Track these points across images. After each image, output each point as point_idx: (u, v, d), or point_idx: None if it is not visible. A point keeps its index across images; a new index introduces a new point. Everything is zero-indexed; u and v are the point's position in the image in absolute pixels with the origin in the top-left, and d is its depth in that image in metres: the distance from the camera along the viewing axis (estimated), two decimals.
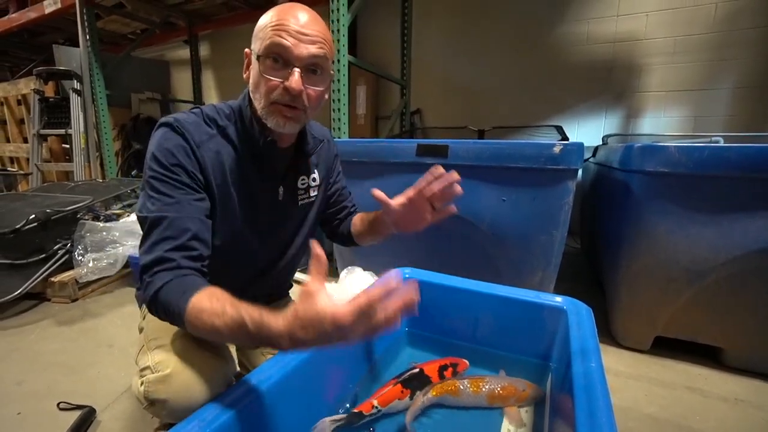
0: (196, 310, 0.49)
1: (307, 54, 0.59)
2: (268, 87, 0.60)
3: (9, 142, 3.52)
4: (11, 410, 0.96)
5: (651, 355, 1.22)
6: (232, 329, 0.46)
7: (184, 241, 0.57)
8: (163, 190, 0.59)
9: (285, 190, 0.74)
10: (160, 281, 0.53)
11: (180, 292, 0.52)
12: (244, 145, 0.68)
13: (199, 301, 0.50)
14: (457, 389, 0.77)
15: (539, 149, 1.13)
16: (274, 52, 0.59)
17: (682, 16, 2.21)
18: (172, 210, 0.58)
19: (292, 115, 0.62)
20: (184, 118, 0.63)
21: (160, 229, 0.57)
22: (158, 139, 0.61)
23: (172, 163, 0.59)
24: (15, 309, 1.54)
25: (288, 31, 0.58)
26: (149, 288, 0.54)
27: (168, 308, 0.52)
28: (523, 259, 1.24)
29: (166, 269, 0.55)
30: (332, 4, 1.71)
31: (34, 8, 3.14)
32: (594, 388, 0.58)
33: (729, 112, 2.19)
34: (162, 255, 0.55)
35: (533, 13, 2.59)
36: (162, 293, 0.53)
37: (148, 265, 0.55)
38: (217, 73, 4.17)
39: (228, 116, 0.68)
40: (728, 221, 1.03)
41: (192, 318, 0.50)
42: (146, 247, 0.57)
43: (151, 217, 0.57)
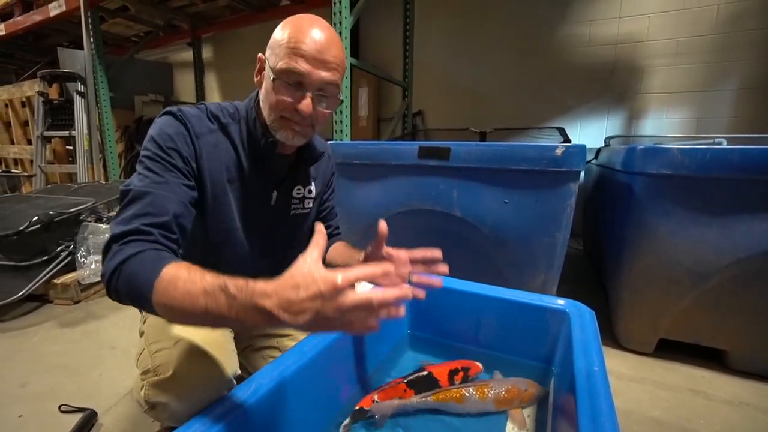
0: (170, 277, 0.45)
1: (320, 80, 0.61)
2: (280, 104, 0.62)
3: (13, 144, 3.55)
4: (13, 412, 0.96)
5: (654, 358, 1.21)
6: (212, 296, 0.42)
7: (165, 220, 0.55)
8: (153, 168, 0.58)
9: (279, 195, 0.75)
10: (133, 249, 0.49)
11: (154, 262, 0.47)
12: (244, 145, 0.68)
13: (176, 269, 0.46)
14: (462, 396, 0.76)
15: (541, 151, 1.13)
16: (289, 75, 0.60)
17: (685, 18, 2.21)
18: (158, 188, 0.56)
19: (300, 129, 0.65)
20: (187, 110, 0.65)
21: (141, 204, 0.54)
22: (159, 125, 0.62)
23: (168, 147, 0.60)
24: (18, 311, 1.55)
25: (305, 56, 0.59)
26: (116, 256, 0.49)
27: (134, 278, 0.47)
28: (525, 261, 1.23)
29: (141, 240, 0.51)
30: (334, 7, 1.72)
31: (39, 11, 3.17)
32: (597, 391, 0.58)
33: (732, 114, 2.18)
34: (139, 227, 0.52)
35: (535, 15, 2.59)
36: (131, 262, 0.48)
37: (120, 234, 0.51)
38: (220, 75, 4.19)
39: (232, 115, 0.69)
40: (731, 223, 1.03)
41: (164, 287, 0.44)
42: (122, 219, 0.53)
43: (136, 190, 0.55)
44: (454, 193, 1.28)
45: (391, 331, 0.97)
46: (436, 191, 1.31)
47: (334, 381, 0.76)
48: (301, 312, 0.40)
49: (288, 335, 0.84)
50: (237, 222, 0.70)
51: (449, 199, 1.29)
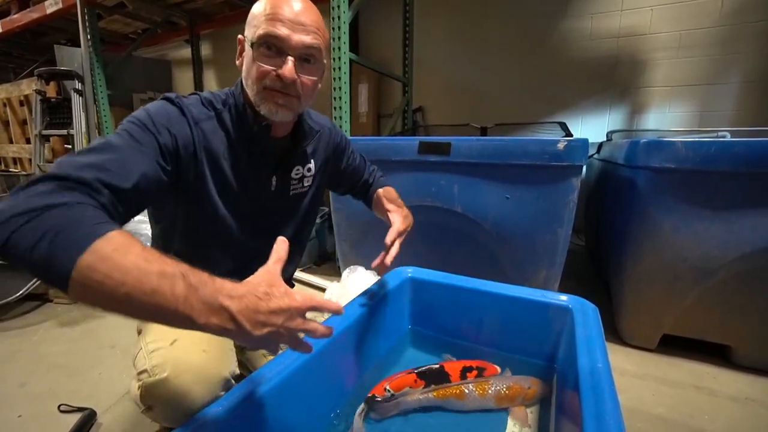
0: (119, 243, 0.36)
1: (302, 44, 0.59)
2: (261, 73, 0.60)
3: (12, 143, 3.54)
4: (13, 413, 0.96)
5: (658, 354, 1.20)
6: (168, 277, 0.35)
7: (124, 186, 0.45)
8: (134, 132, 0.51)
9: (278, 180, 0.74)
10: (68, 198, 0.38)
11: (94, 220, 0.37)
12: (237, 132, 0.67)
13: (127, 237, 0.37)
14: (462, 393, 0.75)
15: (543, 146, 1.11)
16: (268, 41, 0.58)
17: (688, 10, 2.18)
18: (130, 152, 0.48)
19: (284, 101, 0.62)
20: (184, 98, 0.64)
21: (104, 156, 0.45)
22: (157, 105, 0.59)
23: (160, 123, 0.55)
24: (18, 310, 1.55)
25: (282, 21, 0.58)
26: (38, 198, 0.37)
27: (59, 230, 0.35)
28: (527, 257, 1.22)
29: (85, 194, 0.40)
30: (333, 2, 1.70)
31: (36, 8, 3.15)
32: (601, 388, 0.57)
33: (736, 107, 2.16)
34: (89, 179, 0.41)
35: (535, 9, 2.56)
36: (60, 210, 0.36)
37: (60, 176, 0.39)
38: (219, 73, 4.17)
39: (224, 101, 0.68)
40: (736, 218, 1.01)
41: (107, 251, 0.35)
42: (72, 162, 0.42)
43: (105, 141, 0.48)
44: (455, 188, 1.26)
45: (392, 327, 0.96)
46: (437, 187, 1.30)
47: (334, 378, 0.75)
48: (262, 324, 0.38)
49: None
50: (234, 208, 0.69)
51: (450, 195, 1.28)
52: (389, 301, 0.91)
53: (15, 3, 3.31)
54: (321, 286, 1.70)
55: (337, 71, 1.74)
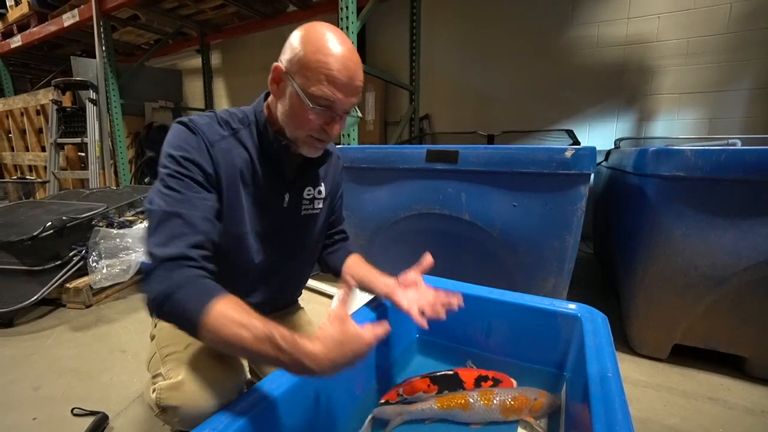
0: (218, 315, 0.49)
1: (351, 104, 0.65)
2: (311, 125, 0.64)
3: (28, 151, 3.63)
4: (28, 415, 0.98)
5: (669, 364, 1.18)
6: (260, 341, 0.48)
7: (199, 239, 0.57)
8: (174, 186, 0.59)
9: (290, 197, 0.75)
10: (179, 277, 0.52)
11: (198, 295, 0.51)
12: (255, 149, 0.69)
13: (224, 306, 0.50)
14: (467, 403, 0.75)
15: (550, 154, 1.12)
16: (327, 102, 0.61)
17: (696, 18, 2.18)
18: (184, 207, 0.57)
19: (321, 146, 0.68)
20: (197, 119, 0.66)
21: (173, 225, 0.56)
22: (173, 137, 0.63)
23: (186, 159, 0.60)
24: (32, 314, 1.58)
25: (338, 85, 0.61)
26: (163, 283, 0.51)
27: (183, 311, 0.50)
28: (535, 265, 1.22)
29: (186, 266, 0.53)
30: (341, 12, 1.73)
31: (54, 22, 3.25)
32: (612, 398, 0.57)
33: (746, 114, 2.14)
34: (182, 251, 0.54)
35: (542, 18, 2.58)
36: (178, 294, 0.51)
37: (164, 258, 0.53)
38: (228, 81, 4.24)
39: (241, 120, 0.70)
40: (749, 226, 1.00)
41: (211, 322, 0.49)
42: (161, 240, 0.55)
43: (163, 211, 0.56)
44: (463, 196, 1.27)
45: (400, 335, 0.96)
46: (445, 195, 1.30)
47: (344, 384, 0.76)
48: (339, 368, 0.50)
49: None
50: (248, 225, 0.70)
51: (458, 203, 1.28)
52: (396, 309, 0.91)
53: (34, 17, 3.43)
54: (328, 293, 1.71)
55: None
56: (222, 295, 0.52)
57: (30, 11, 3.39)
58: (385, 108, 3.20)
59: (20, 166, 3.79)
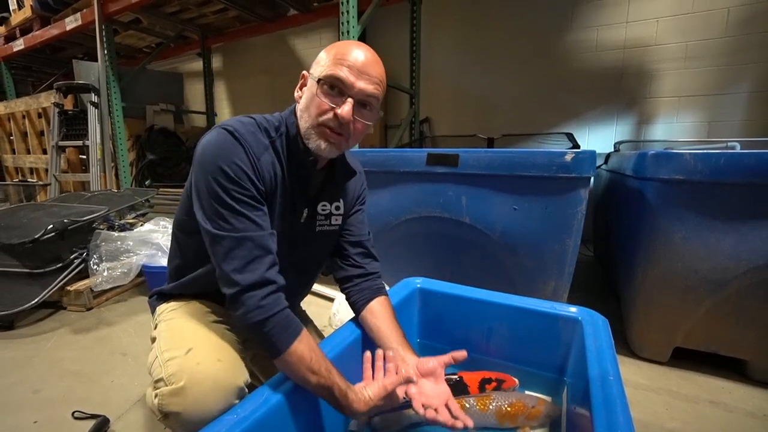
0: (297, 357, 0.58)
1: (363, 90, 0.63)
2: (320, 109, 0.63)
3: (29, 154, 3.64)
4: (28, 418, 0.97)
5: (670, 367, 1.18)
6: (319, 388, 0.59)
7: (272, 259, 0.61)
8: (239, 208, 0.59)
9: (308, 213, 0.74)
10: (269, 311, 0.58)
11: (285, 330, 0.59)
12: (286, 161, 0.68)
13: (301, 349, 0.59)
14: (463, 407, 0.74)
15: (550, 157, 1.12)
16: (333, 81, 0.62)
17: (694, 22, 2.19)
18: (251, 230, 0.60)
19: (335, 140, 0.65)
20: (241, 128, 0.63)
21: (246, 249, 0.59)
22: (219, 146, 0.60)
23: (241, 177, 0.59)
24: (33, 317, 1.58)
25: (350, 67, 0.62)
26: (256, 312, 0.57)
27: (270, 341, 0.58)
28: (536, 268, 1.22)
29: (273, 293, 0.59)
30: (342, 17, 1.74)
31: (56, 25, 3.27)
32: (613, 402, 0.57)
33: (745, 117, 2.15)
34: (263, 276, 0.59)
35: (541, 22, 2.60)
36: (268, 324, 0.58)
37: (249, 286, 0.58)
38: (229, 85, 4.26)
39: (277, 128, 0.68)
40: (748, 229, 1.01)
41: (290, 361, 0.58)
42: (239, 266, 0.58)
43: (232, 236, 0.58)
44: (463, 199, 1.27)
45: None
46: (445, 198, 1.31)
47: None
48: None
49: None
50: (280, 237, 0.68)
51: (458, 206, 1.29)
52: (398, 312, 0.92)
53: (37, 20, 3.44)
54: (329, 296, 1.71)
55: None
56: (301, 335, 0.60)
57: (33, 15, 3.41)
58: (385, 111, 3.21)
59: (21, 168, 3.79)
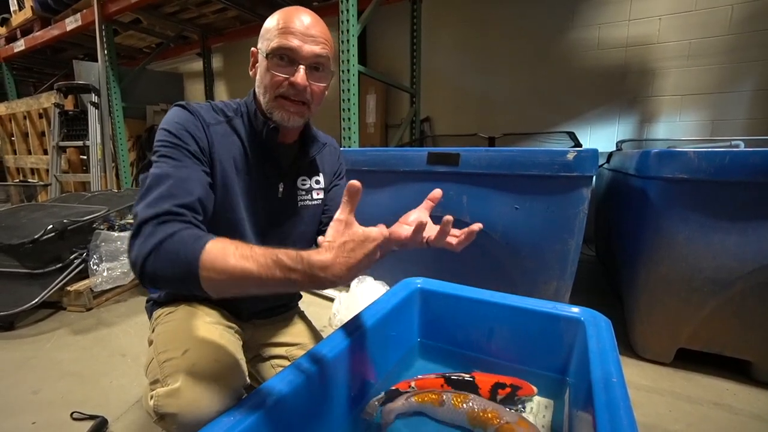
0: (217, 252, 0.46)
1: (312, 53, 0.63)
2: (275, 82, 0.64)
3: (30, 154, 3.64)
4: (27, 419, 0.97)
5: (674, 369, 1.17)
6: (265, 269, 0.44)
7: (191, 200, 0.55)
8: (170, 154, 0.59)
9: (285, 187, 0.75)
10: (169, 229, 0.49)
11: (193, 238, 0.48)
12: (248, 138, 0.70)
13: (220, 243, 0.47)
14: (440, 400, 0.74)
15: (552, 156, 1.11)
16: (281, 52, 0.63)
17: (697, 19, 2.17)
18: (178, 171, 0.57)
19: (295, 109, 0.66)
20: (194, 104, 0.68)
21: (165, 186, 0.54)
22: (170, 116, 0.64)
23: (181, 133, 0.62)
24: (32, 317, 1.57)
25: (294, 33, 0.62)
26: (151, 237, 0.49)
27: (177, 256, 0.47)
28: (537, 268, 1.21)
29: (175, 221, 0.51)
30: (342, 15, 1.73)
31: (57, 26, 3.27)
32: (617, 404, 0.56)
33: (749, 116, 2.13)
34: (170, 208, 0.52)
35: (543, 20, 2.58)
36: (170, 241, 0.48)
37: (152, 216, 0.51)
38: (230, 85, 4.26)
39: (235, 110, 0.72)
40: (753, 229, 0.99)
41: (210, 261, 0.46)
42: (148, 202, 0.52)
43: (156, 174, 0.56)
44: (464, 199, 1.26)
45: (400, 340, 0.96)
46: (446, 197, 1.28)
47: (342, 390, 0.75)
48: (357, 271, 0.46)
49: (297, 344, 0.83)
50: (244, 212, 0.71)
51: (459, 206, 1.28)
52: (398, 312, 0.91)
53: (37, 21, 3.45)
54: (329, 296, 1.70)
55: (345, 83, 1.77)
56: (215, 239, 0.49)
57: (33, 16, 3.42)
58: (386, 110, 3.20)
59: (23, 168, 3.80)
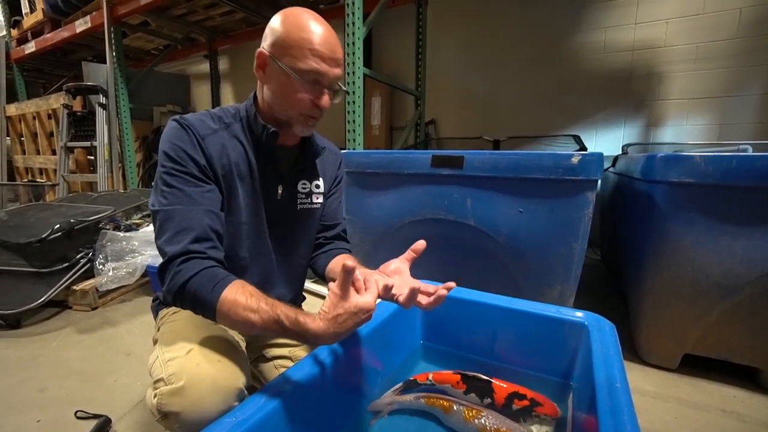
0: (230, 303, 0.54)
1: (336, 77, 0.67)
2: (303, 102, 0.66)
3: (39, 154, 3.69)
4: (32, 417, 0.98)
5: (680, 374, 1.16)
6: (266, 324, 0.53)
7: (199, 233, 0.60)
8: (173, 183, 0.62)
9: (284, 190, 0.76)
10: (191, 271, 0.56)
11: (211, 283, 0.56)
12: (248, 142, 0.72)
13: (232, 293, 0.55)
14: (450, 407, 0.74)
15: (557, 160, 1.11)
16: (313, 76, 0.64)
17: (705, 23, 2.16)
18: (183, 203, 0.61)
19: (313, 123, 0.71)
20: (189, 116, 0.69)
21: (175, 222, 0.60)
22: (165, 135, 0.66)
23: (180, 156, 0.63)
24: (39, 316, 1.59)
25: (323, 57, 0.64)
26: (177, 277, 0.57)
27: (198, 298, 0.55)
28: (541, 272, 1.20)
29: (195, 258, 0.58)
30: (347, 18, 1.74)
31: (66, 28, 3.32)
32: (620, 410, 0.55)
33: (757, 119, 2.11)
34: (188, 246, 0.58)
35: (549, 23, 2.58)
36: (192, 283, 0.56)
37: (175, 255, 0.58)
38: (236, 86, 4.29)
39: (233, 115, 0.73)
40: (762, 233, 0.98)
41: (225, 310, 0.54)
42: (167, 239, 0.59)
43: (164, 210, 0.61)
44: (468, 202, 1.26)
45: (403, 342, 0.95)
46: (450, 200, 1.30)
47: (344, 392, 0.75)
48: (341, 337, 0.54)
49: (300, 345, 0.83)
50: (243, 216, 0.72)
51: (463, 208, 1.27)
52: (401, 314, 0.91)
53: (48, 23, 3.50)
54: None
55: (351, 86, 1.78)
56: (228, 282, 0.56)
57: (44, 18, 3.47)
58: (390, 112, 3.21)
59: (31, 168, 3.85)
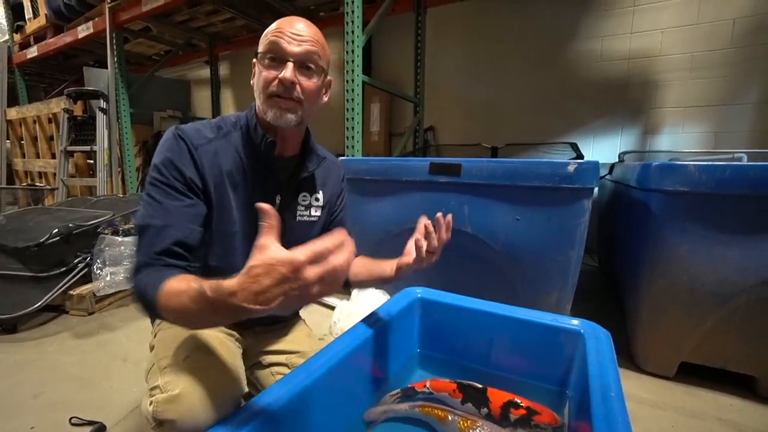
0: (166, 294, 0.51)
1: (299, 50, 0.65)
2: (266, 81, 0.66)
3: (39, 158, 3.69)
4: (26, 423, 0.97)
5: (676, 382, 1.16)
6: (196, 301, 0.46)
7: (166, 246, 0.60)
8: (154, 195, 0.62)
9: (282, 200, 0.75)
10: (146, 277, 0.57)
11: (154, 281, 0.54)
12: (245, 150, 0.71)
13: (169, 284, 0.52)
14: (445, 417, 0.73)
15: (553, 168, 1.12)
16: (270, 51, 0.65)
17: (699, 33, 2.19)
18: (156, 218, 0.61)
19: (287, 106, 0.67)
20: (186, 126, 0.69)
21: (147, 237, 0.60)
22: (159, 146, 0.66)
23: (168, 168, 0.63)
24: (36, 321, 1.59)
25: (283, 34, 0.65)
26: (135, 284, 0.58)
27: (146, 299, 0.54)
28: (538, 279, 1.21)
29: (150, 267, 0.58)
30: (347, 26, 1.76)
31: (69, 33, 3.34)
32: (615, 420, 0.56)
33: (752, 128, 2.13)
34: (147, 259, 0.59)
35: (546, 32, 2.61)
36: (141, 285, 0.56)
37: (139, 265, 0.59)
38: (236, 92, 4.32)
39: (233, 124, 0.73)
40: (756, 242, 0.99)
41: (164, 302, 0.51)
42: (137, 251, 0.61)
43: (141, 224, 0.61)
44: (466, 209, 1.27)
45: (400, 350, 0.95)
46: (447, 207, 1.30)
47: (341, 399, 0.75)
48: (270, 299, 0.41)
49: (297, 352, 0.83)
50: (237, 225, 0.71)
51: (460, 216, 1.28)
52: (398, 322, 0.91)
53: (50, 29, 3.53)
54: (330, 304, 1.70)
55: (350, 92, 1.79)
56: (170, 277, 0.53)
57: (47, 23, 3.50)
58: (389, 119, 3.23)
59: (31, 172, 3.85)
